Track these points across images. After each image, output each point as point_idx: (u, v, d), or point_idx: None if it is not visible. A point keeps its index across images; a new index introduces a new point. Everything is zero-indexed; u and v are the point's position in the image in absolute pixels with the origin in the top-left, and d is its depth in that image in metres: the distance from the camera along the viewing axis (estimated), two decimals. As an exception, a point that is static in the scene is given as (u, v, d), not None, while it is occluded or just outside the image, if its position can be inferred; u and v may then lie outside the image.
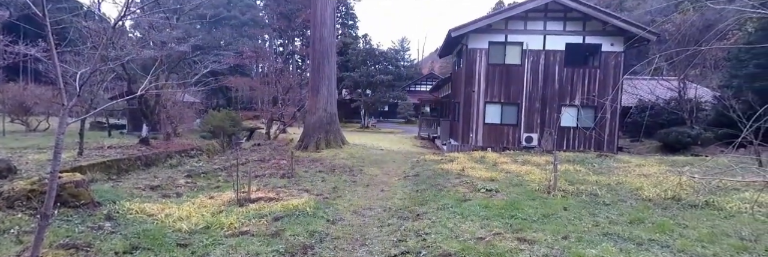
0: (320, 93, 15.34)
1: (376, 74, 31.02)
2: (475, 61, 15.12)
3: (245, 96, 29.22)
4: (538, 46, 14.99)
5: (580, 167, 9.78)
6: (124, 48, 10.40)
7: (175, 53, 14.30)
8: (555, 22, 15.03)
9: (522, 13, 14.83)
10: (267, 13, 37.34)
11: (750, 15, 3.51)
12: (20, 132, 16.61)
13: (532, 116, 15.04)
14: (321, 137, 14.91)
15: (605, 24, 14.39)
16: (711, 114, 17.33)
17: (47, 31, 2.94)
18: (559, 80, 14.95)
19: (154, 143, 12.18)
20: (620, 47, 14.80)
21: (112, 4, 25.04)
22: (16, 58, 8.20)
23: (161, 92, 11.85)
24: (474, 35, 15.01)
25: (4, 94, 16.62)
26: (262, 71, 33.88)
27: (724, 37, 22.50)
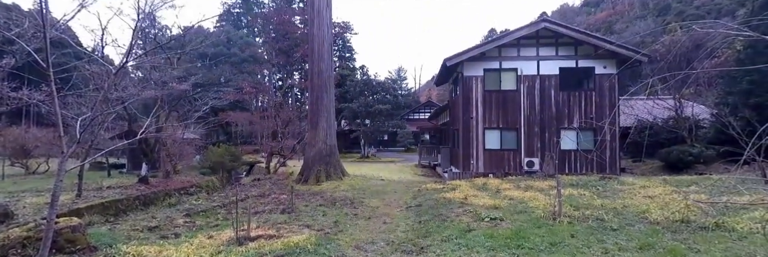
0: (319, 126, 15.43)
1: (374, 104, 31.35)
2: (472, 89, 15.33)
3: (245, 130, 29.38)
4: (532, 72, 15.25)
5: (584, 191, 9.64)
6: (126, 89, 10.59)
7: (176, 92, 14.54)
8: (547, 47, 15.39)
9: (514, 41, 15.21)
10: (266, 50, 38.36)
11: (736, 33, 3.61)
12: (19, 175, 16.55)
13: (532, 140, 15.04)
14: (321, 169, 14.82)
15: (597, 48, 14.72)
16: (710, 132, 17.31)
17: (50, 80, 3.01)
18: (555, 103, 15.09)
19: (153, 182, 12.10)
20: (613, 69, 15.05)
21: (116, 46, 25.76)
22: (19, 103, 8.33)
23: (161, 134, 11.91)
24: (469, 63, 15.31)
25: (5, 137, 16.73)
26: (261, 105, 34.27)
27: (714, 55, 22.97)
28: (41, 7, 2.96)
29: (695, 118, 18.06)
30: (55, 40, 6.21)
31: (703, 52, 15.86)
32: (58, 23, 8.30)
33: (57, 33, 5.39)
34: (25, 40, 7.31)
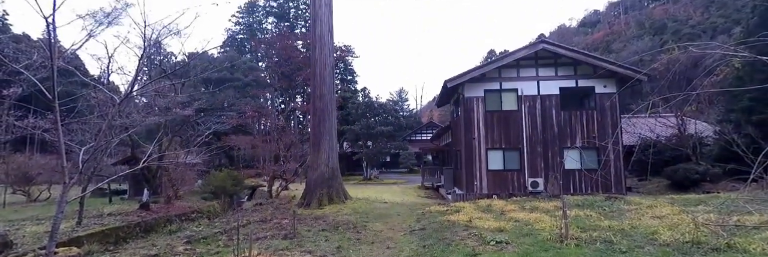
0: (322, 149, 15.43)
1: (376, 125, 31.45)
2: (473, 109, 15.40)
3: (247, 154, 29.36)
4: (532, 92, 15.36)
5: (590, 211, 9.48)
6: (130, 115, 10.69)
7: (180, 117, 14.67)
8: (546, 68, 15.56)
9: (513, 62, 15.41)
10: (269, 74, 38.96)
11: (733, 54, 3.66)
12: (20, 203, 16.46)
13: (535, 160, 14.95)
14: (323, 192, 14.70)
15: (596, 67, 14.87)
16: (714, 149, 17.19)
17: (55, 111, 3.06)
18: (557, 123, 15.10)
19: (154, 208, 12.01)
20: (614, 88, 15.14)
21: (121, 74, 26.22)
22: (24, 132, 8.41)
23: (164, 161, 11.91)
24: (469, 84, 15.46)
25: (9, 165, 16.77)
26: (263, 129, 34.43)
27: (714, 73, 23.13)
28: (50, 41, 3.05)
29: (699, 135, 17.99)
30: (61, 68, 6.35)
31: (703, 72, 16.02)
32: (65, 52, 8.51)
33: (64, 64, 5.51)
34: (33, 70, 7.47)
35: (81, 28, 9.61)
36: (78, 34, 32.22)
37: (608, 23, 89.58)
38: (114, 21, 9.67)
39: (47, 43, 3.78)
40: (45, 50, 5.66)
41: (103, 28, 9.57)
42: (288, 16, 49.89)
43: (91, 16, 8.92)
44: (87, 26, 8.67)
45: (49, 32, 3.09)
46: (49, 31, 3.12)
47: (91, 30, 8.08)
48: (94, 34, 9.16)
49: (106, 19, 9.28)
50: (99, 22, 9.19)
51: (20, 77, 7.94)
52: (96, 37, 9.24)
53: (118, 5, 10.39)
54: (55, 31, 3.26)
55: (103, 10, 9.19)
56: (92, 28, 8.69)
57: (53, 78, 3.08)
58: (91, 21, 9.46)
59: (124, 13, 10.95)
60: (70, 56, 10.12)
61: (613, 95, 15.07)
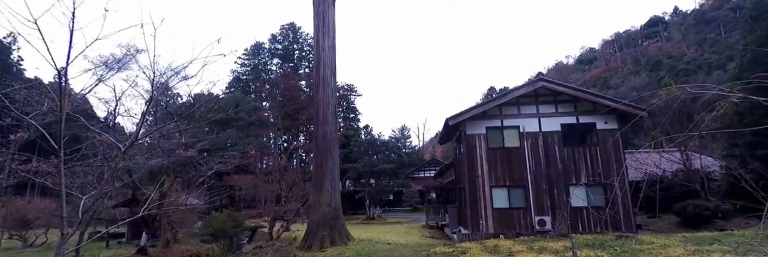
0: (324, 188, 15.26)
1: (378, 163, 31.32)
2: (475, 147, 15.39)
3: (249, 194, 29.01)
4: (534, 129, 15.43)
5: (601, 252, 9.16)
6: (133, 158, 10.74)
7: (182, 158, 14.70)
8: (547, 105, 15.75)
9: (514, 99, 15.65)
10: (272, 113, 39.56)
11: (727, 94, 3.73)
12: (16, 249, 16.06)
13: (541, 198, 14.68)
14: (325, 234, 14.32)
15: (595, 104, 15.06)
16: (723, 185, 16.90)
17: (60, 161, 3.10)
18: (560, 160, 15.01)
19: (151, 252, 11.67)
20: (615, 125, 15.21)
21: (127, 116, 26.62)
22: (27, 176, 8.41)
23: (165, 206, 11.79)
24: (471, 122, 15.59)
25: (8, 209, 16.57)
26: (265, 168, 34.29)
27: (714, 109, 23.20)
28: (61, 92, 3.17)
29: (705, 170, 17.77)
30: (69, 114, 6.49)
31: (702, 108, 16.14)
32: (75, 96, 8.72)
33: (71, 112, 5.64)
34: (41, 114, 7.63)
35: (92, 74, 9.94)
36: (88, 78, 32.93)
37: (604, 60, 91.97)
38: (124, 66, 10.03)
39: (58, 93, 3.92)
40: (55, 98, 5.83)
41: (113, 73, 9.91)
42: (292, 57, 51.58)
43: (102, 62, 9.28)
44: (97, 71, 8.98)
45: (60, 84, 3.21)
46: (61, 83, 3.25)
47: (101, 75, 8.36)
48: (104, 78, 9.45)
49: (117, 64, 9.63)
50: (110, 67, 9.53)
51: (25, 122, 8.07)
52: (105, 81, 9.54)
53: (130, 52, 10.82)
54: (66, 82, 3.39)
55: (115, 56, 9.58)
56: (102, 73, 8.99)
57: (60, 129, 3.16)
58: (102, 66, 9.81)
59: (134, 59, 11.37)
60: (79, 101, 10.37)
61: (614, 131, 15.11)
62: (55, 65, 3.06)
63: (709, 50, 61.44)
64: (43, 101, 8.18)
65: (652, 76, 60.43)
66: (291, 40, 52.22)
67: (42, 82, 35.68)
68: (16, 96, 7.83)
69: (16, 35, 22.17)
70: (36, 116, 8.10)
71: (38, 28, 2.93)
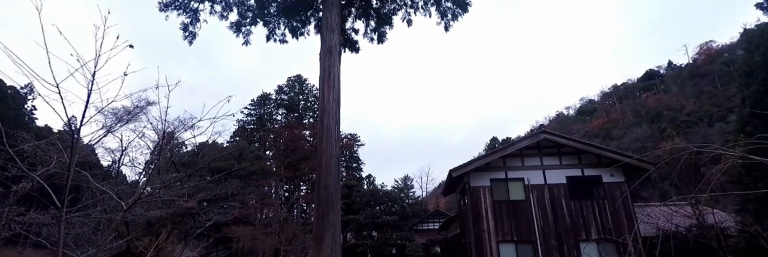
0: (324, 242, 14.65)
1: (381, 215, 30.55)
2: (480, 199, 15.10)
3: (247, 246, 27.93)
4: (539, 181, 15.24)
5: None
6: (132, 209, 10.56)
7: (181, 209, 14.42)
8: (550, 157, 15.72)
9: (517, 151, 15.66)
10: (275, 163, 39.54)
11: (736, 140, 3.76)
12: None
13: (551, 254, 14.06)
14: (326, 292, 13.52)
15: (599, 156, 15.02)
16: (740, 242, 16.19)
17: (61, 220, 3.06)
18: (568, 214, 14.62)
19: (140, 312, 10.96)
20: (621, 178, 15.03)
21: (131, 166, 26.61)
22: (23, 228, 8.23)
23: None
24: (474, 174, 15.46)
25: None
26: (265, 218, 33.44)
27: (718, 160, 23.11)
28: (72, 149, 3.23)
29: (719, 226, 17.13)
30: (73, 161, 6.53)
31: (712, 169, 16.02)
32: (83, 146, 8.82)
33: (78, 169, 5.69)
34: (47, 164, 7.66)
35: (101, 125, 10.19)
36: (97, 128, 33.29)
37: (605, 112, 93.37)
38: (134, 118, 10.27)
39: (68, 148, 3.99)
40: (63, 149, 5.91)
41: (123, 124, 10.11)
42: (297, 107, 52.77)
43: (113, 113, 9.53)
44: (107, 122, 9.20)
45: (72, 144, 3.29)
46: (73, 143, 3.33)
47: (110, 126, 8.55)
48: (114, 129, 9.63)
49: (127, 116, 9.86)
50: (120, 119, 9.75)
51: (32, 171, 8.09)
52: (114, 132, 9.73)
53: (141, 104, 11.17)
54: (78, 140, 3.48)
55: (126, 108, 9.86)
56: (112, 124, 9.20)
57: (66, 187, 3.17)
58: (112, 117, 10.05)
59: (144, 111, 11.68)
60: (86, 151, 10.47)
61: (621, 184, 14.90)
62: (70, 127, 3.16)
63: (707, 102, 62.55)
64: (51, 151, 8.27)
65: (653, 127, 60.90)
66: (297, 91, 53.85)
67: (51, 130, 36.28)
68: (25, 147, 7.93)
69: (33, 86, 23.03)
70: (42, 166, 8.13)
71: (59, 91, 3.08)
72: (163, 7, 11.52)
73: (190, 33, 12.04)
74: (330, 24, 11.76)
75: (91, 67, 3.42)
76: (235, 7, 12.47)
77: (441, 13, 13.96)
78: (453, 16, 14.04)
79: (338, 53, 12.33)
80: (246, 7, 12.60)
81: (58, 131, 27.53)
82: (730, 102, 49.42)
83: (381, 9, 14.27)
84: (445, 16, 13.95)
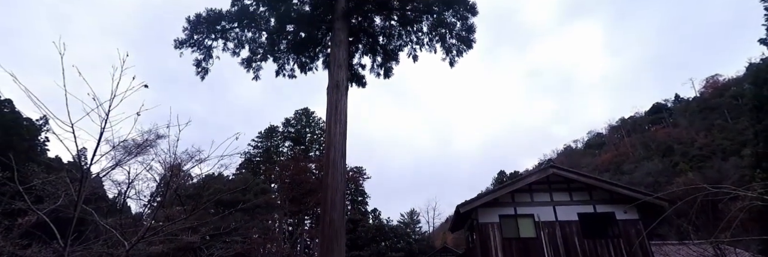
0: (329, 280, 14.18)
1: (386, 251, 29.66)
2: (489, 237, 14.64)
3: (248, 284, 26.98)
4: (550, 218, 14.82)
5: None
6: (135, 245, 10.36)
7: (184, 243, 14.16)
8: (561, 192, 15.37)
9: (526, 186, 15.36)
10: (280, 196, 39.17)
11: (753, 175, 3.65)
12: None
13: (566, 297, 13.38)
14: None
15: (611, 192, 14.66)
16: (768, 284, 15.36)
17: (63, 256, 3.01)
18: (582, 253, 14.06)
19: None
20: (635, 215, 14.58)
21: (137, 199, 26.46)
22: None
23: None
24: (483, 209, 15.10)
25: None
26: (268, 253, 32.54)
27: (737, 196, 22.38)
28: (80, 186, 3.23)
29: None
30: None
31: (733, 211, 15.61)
32: (91, 180, 8.83)
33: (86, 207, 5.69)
34: (54, 198, 7.65)
35: (111, 158, 10.26)
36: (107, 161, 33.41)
37: (614, 145, 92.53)
38: (142, 151, 10.36)
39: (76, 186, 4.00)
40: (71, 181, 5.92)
41: (131, 157, 10.19)
42: (304, 140, 53.00)
43: (123, 146, 9.63)
44: (117, 156, 9.29)
45: (81, 182, 3.31)
46: (81, 182, 3.35)
47: (119, 160, 8.62)
48: (122, 162, 9.69)
49: (136, 149, 9.96)
50: (129, 151, 9.84)
51: (38, 206, 8.07)
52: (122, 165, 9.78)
53: (150, 137, 11.31)
54: (87, 178, 3.50)
55: (135, 141, 9.99)
56: (121, 157, 9.28)
57: (72, 224, 3.14)
58: (122, 150, 10.15)
59: (154, 144, 11.81)
60: (94, 184, 10.48)
61: (636, 221, 14.43)
62: (81, 165, 3.20)
63: (719, 136, 61.79)
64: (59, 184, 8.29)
65: (665, 161, 59.90)
66: (304, 123, 54.37)
67: (61, 160, 36.55)
68: (34, 180, 7.98)
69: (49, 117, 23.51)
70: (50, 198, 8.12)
71: (73, 131, 3.17)
72: (179, 44, 11.99)
73: (203, 69, 12.41)
74: (338, 60, 12.10)
75: (105, 106, 3.53)
76: (246, 45, 12.93)
77: (446, 50, 14.32)
78: (458, 52, 14.39)
79: (345, 88, 12.57)
80: (257, 44, 13.06)
81: (68, 162, 27.73)
82: (743, 136, 48.81)
83: (387, 45, 14.70)
84: (450, 52, 14.30)
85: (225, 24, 12.65)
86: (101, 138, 3.41)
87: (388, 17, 14.46)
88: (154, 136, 12.26)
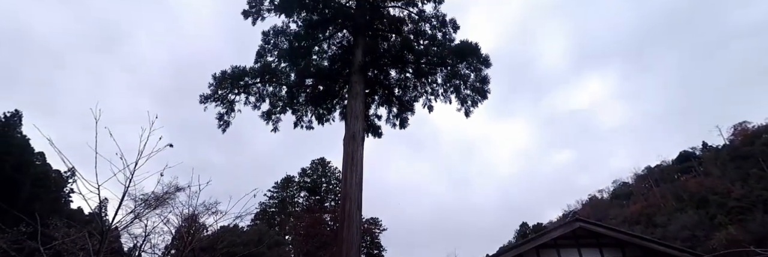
0: None
1: (407, 311, 27.60)
2: (515, 298, 13.57)
3: None
4: (580, 277, 13.77)
5: None
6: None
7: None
8: (589, 248, 14.37)
9: (551, 241, 14.48)
10: (294, 249, 38.01)
11: None
12: None
13: None
14: None
15: (646, 249, 13.68)
16: None
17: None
18: (619, 318, 12.80)
19: None
20: (672, 274, 13.43)
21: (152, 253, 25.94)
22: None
23: None
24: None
25: None
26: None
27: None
28: (101, 247, 3.21)
29: None
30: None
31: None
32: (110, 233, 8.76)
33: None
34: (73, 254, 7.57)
35: (129, 211, 10.25)
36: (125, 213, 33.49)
37: (642, 195, 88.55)
38: (161, 204, 10.37)
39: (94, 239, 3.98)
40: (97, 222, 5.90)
41: (150, 210, 10.18)
42: (319, 190, 52.59)
43: (143, 200, 9.68)
44: (136, 209, 9.31)
45: (101, 244, 3.32)
46: (102, 244, 3.36)
47: (138, 213, 8.62)
48: (141, 215, 9.67)
49: (156, 202, 9.99)
50: (148, 204, 9.87)
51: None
52: (141, 217, 9.77)
53: (170, 190, 11.41)
54: (106, 240, 3.51)
55: (155, 194, 10.05)
56: (140, 210, 9.29)
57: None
58: (141, 203, 10.19)
59: (173, 196, 11.88)
60: (111, 239, 10.39)
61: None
62: (102, 223, 3.24)
63: (756, 186, 58.52)
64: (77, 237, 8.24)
65: (700, 213, 56.51)
66: (320, 173, 54.36)
67: (83, 212, 36.88)
68: (55, 234, 7.99)
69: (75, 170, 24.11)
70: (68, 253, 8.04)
71: (99, 192, 3.26)
72: (204, 99, 12.55)
73: (225, 122, 12.82)
74: (354, 111, 12.37)
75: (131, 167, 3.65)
76: (267, 98, 13.44)
77: (461, 100, 14.54)
78: (473, 103, 14.57)
79: (361, 139, 12.69)
80: (277, 97, 13.56)
81: (89, 214, 27.90)
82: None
83: (403, 96, 15.04)
84: (465, 102, 14.50)
85: (248, 79, 13.30)
86: (124, 197, 3.52)
87: (403, 70, 15.00)
88: (173, 189, 12.35)
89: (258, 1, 14.13)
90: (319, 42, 15.10)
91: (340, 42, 15.32)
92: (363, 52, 13.52)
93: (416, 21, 15.38)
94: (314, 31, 14.58)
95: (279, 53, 14.39)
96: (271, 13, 14.12)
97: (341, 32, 15.26)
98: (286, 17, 14.36)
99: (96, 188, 3.38)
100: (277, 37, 14.67)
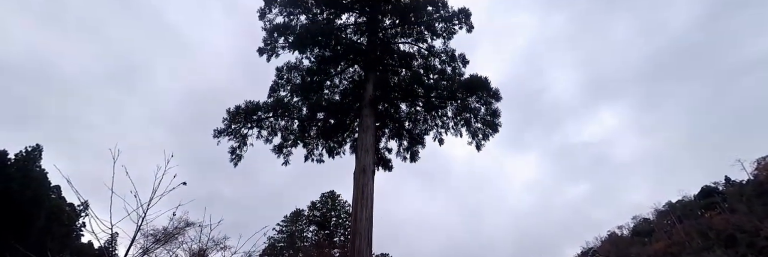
0: None
1: None
2: None
3: None
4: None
5: None
6: None
7: None
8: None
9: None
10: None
11: None
12: None
13: None
14: None
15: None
16: None
17: None
18: None
19: None
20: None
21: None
22: None
23: None
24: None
25: None
26: None
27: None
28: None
29: None
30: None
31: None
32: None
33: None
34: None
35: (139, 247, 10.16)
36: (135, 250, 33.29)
37: (665, 232, 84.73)
38: (171, 239, 10.29)
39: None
40: None
41: (160, 245, 10.08)
42: (328, 224, 51.57)
43: (153, 235, 9.65)
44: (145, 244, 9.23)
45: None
46: None
47: (147, 248, 8.54)
48: (150, 250, 9.57)
49: (165, 237, 9.92)
50: (157, 239, 9.80)
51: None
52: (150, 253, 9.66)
53: (180, 225, 11.36)
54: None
55: (166, 229, 10.00)
56: (149, 245, 9.21)
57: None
58: (151, 238, 10.12)
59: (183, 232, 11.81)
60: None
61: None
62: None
63: (786, 225, 55.78)
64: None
65: (730, 253, 53.61)
66: (329, 207, 53.59)
67: (92, 246, 36.59)
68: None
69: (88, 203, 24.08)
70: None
71: (111, 232, 3.34)
72: (217, 133, 12.80)
73: (237, 156, 12.96)
74: (365, 145, 12.43)
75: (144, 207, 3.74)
76: (279, 132, 13.63)
77: (471, 134, 14.54)
78: (484, 136, 14.56)
79: (372, 172, 12.64)
80: (289, 131, 13.75)
81: (99, 248, 27.63)
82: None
83: (413, 130, 15.12)
84: (476, 136, 14.49)
85: (261, 114, 13.58)
86: (136, 235, 3.61)
87: (413, 104, 15.18)
88: (183, 224, 12.28)
89: (273, 39, 14.73)
90: (331, 77, 15.52)
91: (352, 77, 15.72)
92: (374, 86, 13.81)
93: (426, 56, 15.76)
94: (326, 67, 15.02)
95: (292, 88, 14.78)
96: (285, 50, 14.66)
97: (353, 67, 15.69)
98: (300, 54, 14.88)
99: (109, 228, 3.49)
100: (290, 72, 15.13)
